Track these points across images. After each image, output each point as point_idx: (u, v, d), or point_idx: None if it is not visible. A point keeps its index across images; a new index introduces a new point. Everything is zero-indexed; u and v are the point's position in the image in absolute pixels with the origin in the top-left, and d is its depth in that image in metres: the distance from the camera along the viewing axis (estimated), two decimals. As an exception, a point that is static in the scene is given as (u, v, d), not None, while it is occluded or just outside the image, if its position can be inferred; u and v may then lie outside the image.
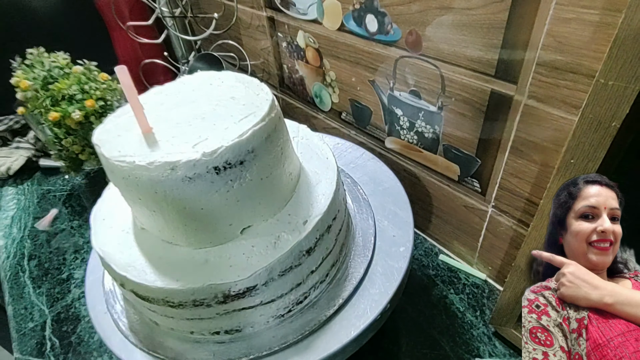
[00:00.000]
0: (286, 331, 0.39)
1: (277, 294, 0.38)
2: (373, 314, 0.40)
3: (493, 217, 0.54)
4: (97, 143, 0.35)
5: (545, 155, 0.44)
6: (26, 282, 0.69)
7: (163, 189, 0.33)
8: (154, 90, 0.42)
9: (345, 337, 0.38)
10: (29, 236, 0.78)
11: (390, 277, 0.43)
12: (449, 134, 0.53)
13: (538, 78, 0.40)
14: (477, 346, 0.52)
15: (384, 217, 0.50)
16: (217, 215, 0.35)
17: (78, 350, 0.58)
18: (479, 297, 0.58)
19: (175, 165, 0.31)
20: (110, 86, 0.77)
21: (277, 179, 0.38)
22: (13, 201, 0.87)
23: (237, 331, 0.39)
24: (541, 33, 0.38)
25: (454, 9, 0.44)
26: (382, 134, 0.65)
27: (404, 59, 0.53)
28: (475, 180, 0.54)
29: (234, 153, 0.33)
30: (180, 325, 0.39)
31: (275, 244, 0.36)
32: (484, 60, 0.44)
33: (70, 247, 0.75)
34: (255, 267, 0.35)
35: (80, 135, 0.73)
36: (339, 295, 0.42)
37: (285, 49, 0.77)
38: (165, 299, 0.35)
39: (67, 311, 0.63)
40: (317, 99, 0.76)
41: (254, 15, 0.80)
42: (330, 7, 0.60)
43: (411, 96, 0.56)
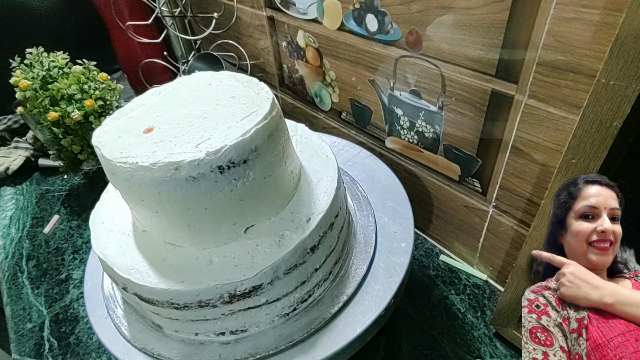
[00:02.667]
0: (291, 330, 0.39)
1: (283, 292, 0.38)
2: (378, 310, 0.40)
3: (494, 217, 0.55)
4: (97, 145, 0.35)
5: (546, 155, 0.44)
6: (24, 282, 0.68)
7: (167, 190, 0.32)
8: (153, 91, 0.42)
9: (351, 334, 0.38)
10: (27, 236, 0.77)
11: (393, 273, 0.43)
12: (449, 134, 0.54)
13: (539, 78, 0.40)
14: (478, 347, 0.52)
15: (383, 213, 0.51)
16: (221, 214, 0.35)
17: (76, 351, 0.57)
18: (480, 297, 0.58)
19: (179, 165, 0.31)
20: (110, 86, 0.76)
21: (279, 178, 0.38)
22: (12, 201, 0.87)
23: (243, 331, 0.39)
24: (542, 33, 0.38)
25: (454, 9, 0.44)
26: (382, 133, 0.65)
27: (404, 58, 0.53)
28: (476, 180, 0.54)
29: (238, 152, 0.33)
30: (185, 327, 0.38)
31: (280, 242, 0.36)
32: (485, 60, 0.44)
33: (69, 248, 0.74)
34: (260, 265, 0.35)
35: (79, 135, 0.73)
36: (343, 293, 0.42)
37: (285, 49, 0.77)
38: (170, 300, 0.35)
39: (65, 312, 0.63)
40: (317, 98, 0.76)
41: (253, 15, 0.80)
42: (330, 6, 0.60)
43: (411, 96, 0.56)
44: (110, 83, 0.77)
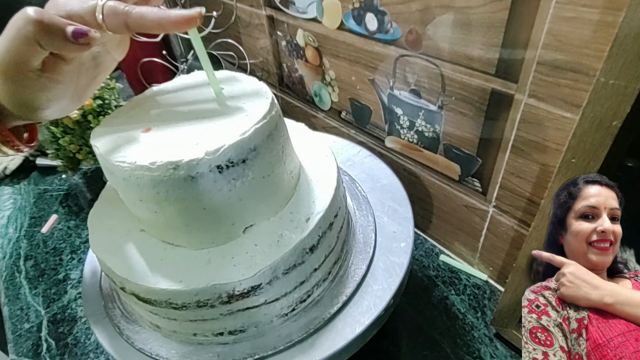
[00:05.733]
0: (290, 330, 0.39)
1: (281, 292, 0.37)
2: (377, 310, 0.40)
3: (494, 217, 0.54)
4: (95, 144, 0.35)
5: (546, 155, 0.44)
6: (22, 282, 0.68)
7: (165, 189, 0.32)
8: (152, 90, 0.41)
9: (350, 334, 0.38)
10: (25, 236, 0.77)
11: (392, 273, 0.43)
12: (449, 133, 0.53)
13: (538, 77, 0.40)
14: (478, 348, 0.52)
15: (383, 213, 0.50)
16: (219, 214, 0.35)
17: (74, 351, 0.57)
18: (480, 298, 0.58)
19: (177, 164, 0.31)
20: (108, 85, 0.76)
21: (278, 177, 0.38)
22: (9, 201, 0.86)
23: (241, 331, 0.39)
24: (541, 32, 0.38)
25: (454, 8, 0.44)
26: (382, 133, 0.65)
27: (404, 57, 0.53)
28: (476, 179, 0.54)
29: (237, 151, 0.33)
30: (183, 327, 0.38)
31: (279, 242, 0.36)
32: (485, 59, 0.44)
33: (67, 248, 0.74)
34: (259, 265, 0.35)
35: (78, 134, 0.73)
36: (342, 293, 0.42)
37: (284, 48, 0.77)
38: (168, 300, 0.35)
39: (63, 312, 0.63)
40: (316, 98, 0.76)
41: (253, 14, 0.79)
42: (330, 5, 0.60)
43: (411, 95, 0.56)
44: (109, 82, 0.77)
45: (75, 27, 0.28)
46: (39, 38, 0.28)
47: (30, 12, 0.27)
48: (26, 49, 0.28)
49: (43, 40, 0.28)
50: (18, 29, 0.28)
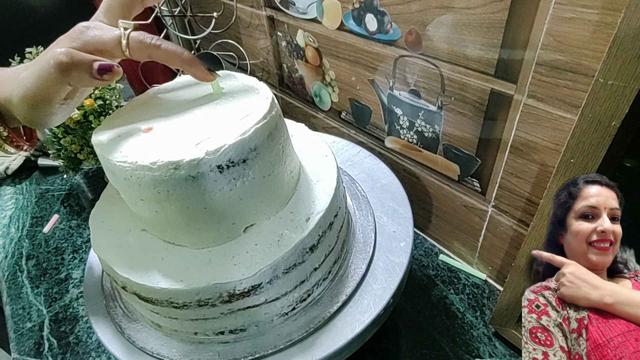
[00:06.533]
0: (290, 329, 0.39)
1: (282, 291, 0.38)
2: (377, 309, 0.40)
3: (493, 216, 0.55)
4: (97, 144, 0.35)
5: (545, 155, 0.44)
6: (24, 282, 0.69)
7: (166, 189, 0.32)
8: (152, 90, 0.42)
9: (350, 333, 0.38)
10: (27, 236, 0.78)
11: (392, 272, 0.43)
12: (448, 134, 0.54)
13: (538, 77, 0.40)
14: (477, 347, 0.52)
15: (383, 213, 0.51)
16: (220, 214, 0.35)
17: (76, 350, 0.58)
18: (479, 297, 0.58)
19: (178, 164, 0.31)
20: (109, 85, 0.76)
21: (279, 177, 0.38)
22: (11, 201, 0.87)
23: (242, 330, 0.39)
24: (541, 32, 0.38)
25: (453, 9, 0.44)
26: (381, 133, 0.65)
27: (403, 58, 0.53)
28: (475, 179, 0.54)
29: (237, 151, 0.33)
30: (184, 326, 0.38)
31: (279, 241, 0.36)
32: (484, 60, 0.44)
33: (68, 247, 0.74)
34: (259, 265, 0.35)
35: (79, 134, 0.73)
36: (342, 292, 0.42)
37: (284, 48, 0.77)
38: (169, 299, 0.35)
39: (65, 311, 0.63)
40: (316, 98, 0.76)
41: (253, 15, 0.80)
42: (330, 6, 0.60)
43: (411, 95, 0.56)
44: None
45: (100, 63, 0.31)
46: (69, 80, 0.31)
47: (62, 58, 0.30)
48: (57, 88, 0.32)
49: (73, 81, 0.31)
50: (49, 72, 0.31)
